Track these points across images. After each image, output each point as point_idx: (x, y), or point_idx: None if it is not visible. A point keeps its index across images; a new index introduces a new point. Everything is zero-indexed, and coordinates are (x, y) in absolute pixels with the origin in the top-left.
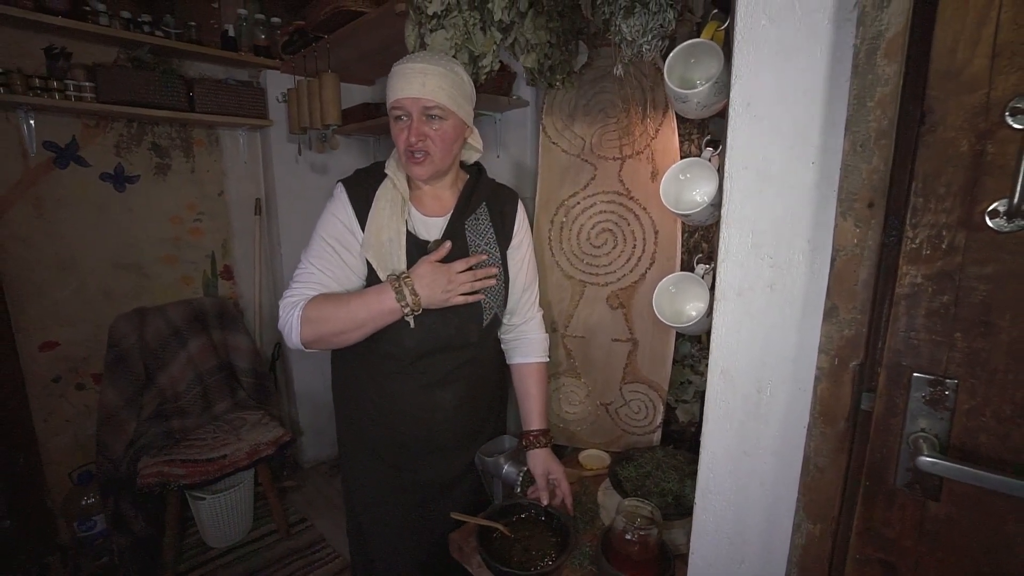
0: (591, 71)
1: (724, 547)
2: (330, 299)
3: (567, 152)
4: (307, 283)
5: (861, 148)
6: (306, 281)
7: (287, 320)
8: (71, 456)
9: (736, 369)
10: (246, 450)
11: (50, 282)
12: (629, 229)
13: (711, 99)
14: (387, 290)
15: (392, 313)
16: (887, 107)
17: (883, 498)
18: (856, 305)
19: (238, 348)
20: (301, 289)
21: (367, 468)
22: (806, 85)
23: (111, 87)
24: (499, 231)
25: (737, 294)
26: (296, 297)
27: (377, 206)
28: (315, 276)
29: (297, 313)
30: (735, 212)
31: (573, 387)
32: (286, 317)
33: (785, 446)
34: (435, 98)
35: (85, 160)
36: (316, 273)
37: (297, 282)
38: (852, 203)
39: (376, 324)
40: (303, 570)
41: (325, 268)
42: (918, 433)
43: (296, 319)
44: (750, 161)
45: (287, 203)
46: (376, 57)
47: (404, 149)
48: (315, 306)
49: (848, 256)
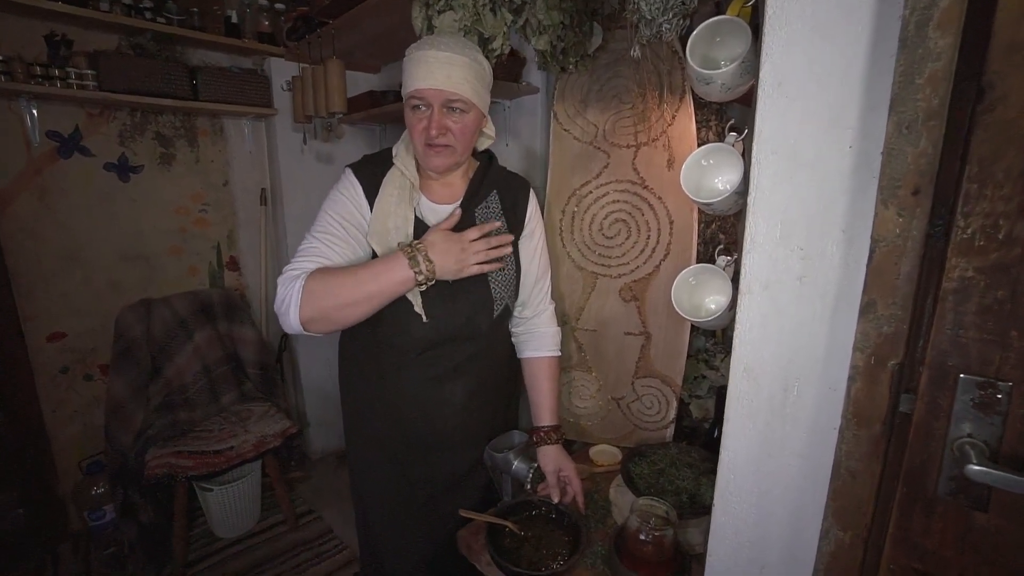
0: (605, 54)
1: (744, 551)
2: (335, 271)
3: (579, 140)
4: (310, 257)
5: (907, 130)
6: (309, 255)
7: (285, 295)
8: (80, 446)
9: (761, 367)
10: (253, 442)
11: (57, 273)
12: (643, 219)
13: (736, 80)
14: (399, 258)
15: (404, 283)
16: (938, 84)
17: (922, 506)
18: (896, 300)
19: (244, 340)
20: (303, 263)
21: (374, 463)
22: (844, 63)
23: (113, 75)
24: (510, 220)
25: (763, 287)
26: (297, 271)
27: (384, 192)
28: (319, 250)
29: (299, 285)
30: (763, 200)
31: (584, 381)
32: (284, 292)
33: (813, 448)
34: (460, 91)
35: (89, 150)
36: (320, 247)
37: (299, 256)
38: (895, 190)
39: (385, 296)
40: (311, 561)
41: (332, 243)
42: (964, 439)
43: (296, 291)
44: (780, 146)
45: (293, 193)
46: (382, 43)
47: (422, 140)
48: (318, 277)
49: (889, 247)
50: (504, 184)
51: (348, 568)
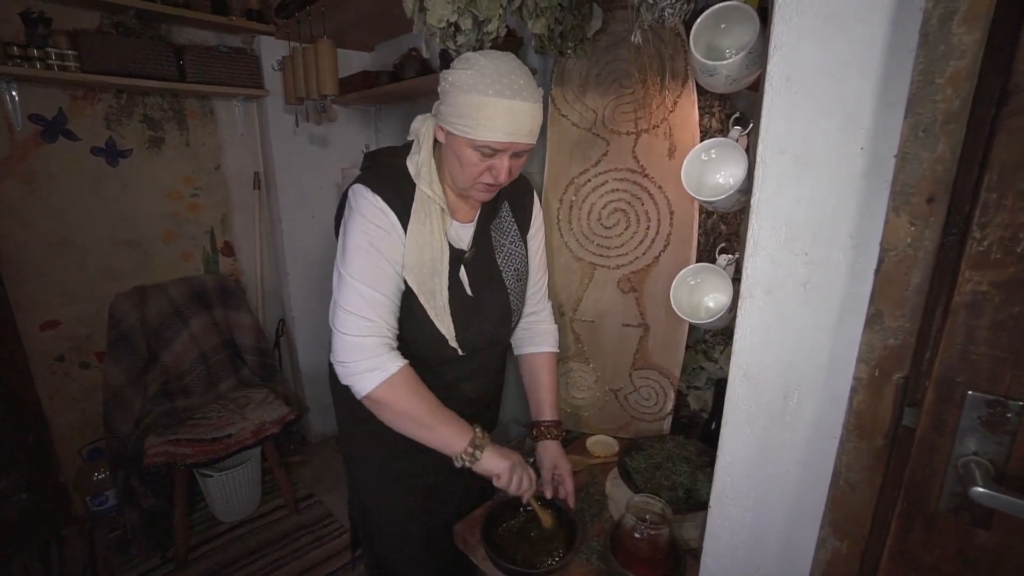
0: (605, 37)
1: (740, 552)
2: (415, 394)
3: (578, 126)
4: (373, 316)
5: (924, 133)
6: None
7: (363, 366)
8: (80, 433)
9: (761, 372)
10: (251, 429)
11: (48, 260)
12: (643, 209)
13: (742, 72)
14: (465, 439)
15: (448, 451)
16: (960, 85)
17: (922, 520)
18: (905, 312)
19: (241, 326)
20: (371, 324)
21: (375, 461)
22: (859, 58)
23: (95, 55)
24: (520, 225)
25: (766, 292)
26: (372, 338)
27: (416, 220)
28: (376, 299)
29: (392, 368)
30: (767, 201)
31: (581, 372)
32: (365, 363)
33: (812, 456)
34: (534, 141)
35: (74, 134)
36: (374, 295)
37: (362, 314)
38: (908, 197)
39: (429, 437)
40: (311, 545)
41: (382, 288)
42: (969, 457)
43: (378, 379)
44: (787, 144)
45: (286, 177)
46: (375, 21)
47: (480, 181)
48: (403, 391)
49: (899, 257)
50: (512, 191)
51: (348, 552)
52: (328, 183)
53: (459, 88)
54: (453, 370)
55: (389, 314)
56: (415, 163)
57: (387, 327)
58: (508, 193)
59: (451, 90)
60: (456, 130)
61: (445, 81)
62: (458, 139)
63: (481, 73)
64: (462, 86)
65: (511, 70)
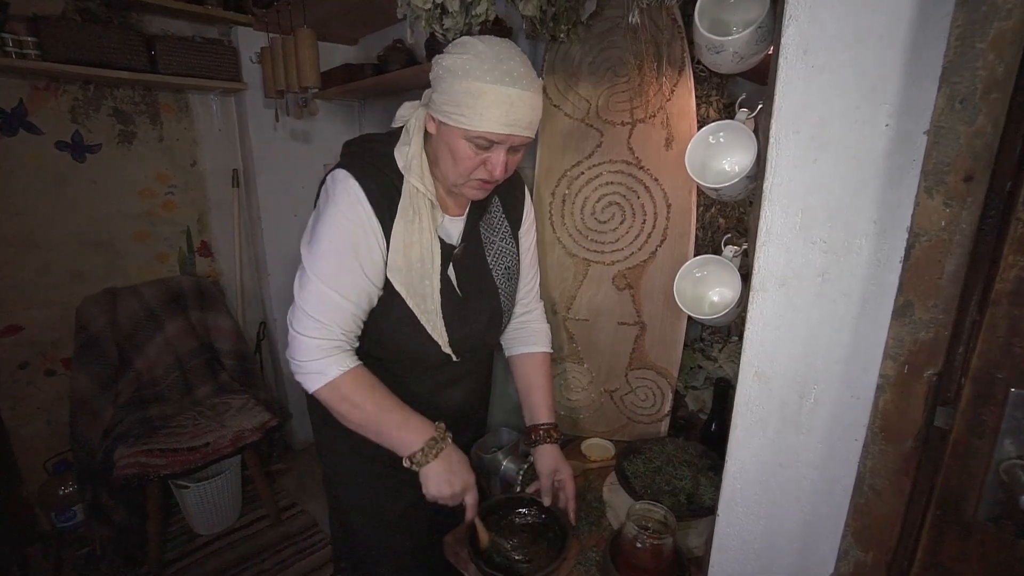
0: (600, 22)
1: (750, 563)
2: (366, 387)
3: (570, 116)
4: (329, 321)
5: (961, 105)
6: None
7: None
8: (45, 445)
9: (773, 371)
10: (230, 437)
11: (8, 261)
12: (639, 202)
13: (751, 48)
14: (422, 438)
15: (402, 449)
16: (1004, 49)
17: (957, 530)
18: (938, 303)
19: (219, 329)
20: (325, 329)
21: (359, 472)
22: (883, 25)
23: (57, 44)
24: (511, 220)
25: (779, 284)
26: (324, 341)
27: (403, 218)
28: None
29: (333, 373)
30: (781, 186)
31: (576, 373)
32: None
33: (831, 460)
34: (533, 135)
35: (37, 127)
36: (337, 300)
37: (320, 318)
38: (943, 176)
39: (382, 442)
40: (295, 556)
41: (347, 293)
42: (1014, 460)
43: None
44: (803, 123)
45: (267, 174)
46: (359, 12)
47: (475, 176)
48: (353, 387)
49: (932, 242)
50: (503, 186)
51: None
52: (310, 180)
53: (453, 74)
54: (439, 375)
55: (350, 319)
56: (404, 155)
57: (342, 332)
58: (499, 188)
59: (445, 76)
60: (449, 120)
61: (438, 66)
62: (451, 130)
63: (478, 58)
64: (457, 71)
65: (511, 56)
